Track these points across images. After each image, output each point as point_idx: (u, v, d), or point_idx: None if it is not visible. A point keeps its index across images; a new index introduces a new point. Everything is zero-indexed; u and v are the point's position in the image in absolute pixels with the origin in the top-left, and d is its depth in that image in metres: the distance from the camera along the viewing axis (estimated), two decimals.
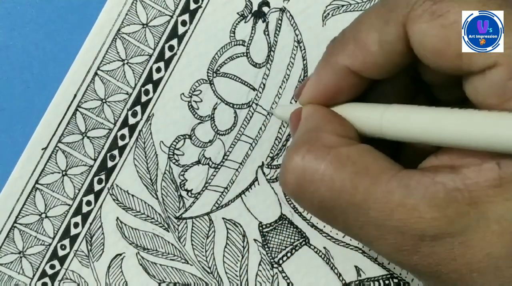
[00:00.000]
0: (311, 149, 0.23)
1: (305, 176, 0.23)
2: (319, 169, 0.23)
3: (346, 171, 0.23)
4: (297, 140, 0.25)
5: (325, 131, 0.24)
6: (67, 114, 0.34)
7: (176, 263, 0.35)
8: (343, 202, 0.23)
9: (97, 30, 0.34)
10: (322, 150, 0.23)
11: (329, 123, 0.25)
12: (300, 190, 0.24)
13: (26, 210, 0.34)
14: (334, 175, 0.23)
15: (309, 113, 0.26)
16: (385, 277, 0.34)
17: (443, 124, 0.21)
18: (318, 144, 0.24)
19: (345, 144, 0.24)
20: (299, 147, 0.24)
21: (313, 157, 0.23)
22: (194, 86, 0.34)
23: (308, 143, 0.24)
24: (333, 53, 0.25)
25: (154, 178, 0.34)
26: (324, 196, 0.23)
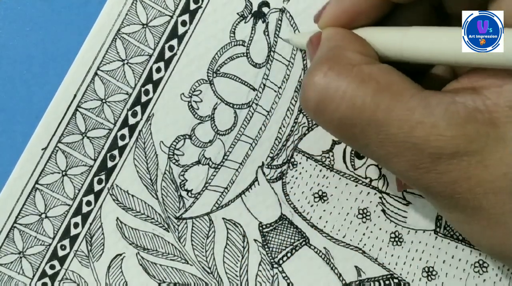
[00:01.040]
0: (334, 65, 0.23)
1: (327, 92, 0.23)
2: (341, 86, 0.23)
3: (368, 88, 0.22)
4: (318, 57, 0.24)
5: (347, 50, 0.24)
6: (67, 115, 0.34)
7: (176, 263, 0.35)
8: (364, 119, 0.23)
9: (97, 30, 0.34)
10: (345, 67, 0.23)
11: (352, 43, 0.25)
12: (320, 106, 0.23)
13: (26, 210, 0.34)
14: (356, 92, 0.23)
15: (330, 34, 0.26)
16: (385, 277, 0.34)
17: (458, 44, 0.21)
18: (340, 61, 0.24)
19: (367, 62, 0.24)
20: (321, 64, 0.24)
21: (335, 74, 0.23)
22: (194, 86, 0.34)
23: (331, 60, 0.24)
24: None
25: (154, 178, 0.34)
26: (345, 112, 0.23)
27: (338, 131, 0.24)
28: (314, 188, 0.34)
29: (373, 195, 0.34)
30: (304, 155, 0.34)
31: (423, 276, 0.34)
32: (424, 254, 0.34)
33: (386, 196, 0.34)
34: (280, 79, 0.34)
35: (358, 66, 0.23)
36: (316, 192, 0.34)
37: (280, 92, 0.34)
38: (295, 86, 0.34)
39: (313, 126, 0.34)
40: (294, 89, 0.34)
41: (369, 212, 0.34)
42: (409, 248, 0.34)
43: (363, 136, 0.23)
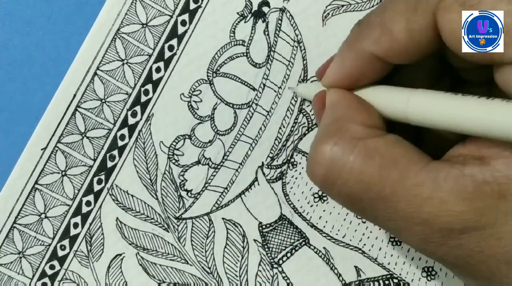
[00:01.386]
0: (339, 141, 0.23)
1: (334, 168, 0.23)
2: (347, 162, 0.23)
3: (374, 164, 0.23)
4: (324, 131, 0.25)
5: (352, 122, 0.24)
6: (67, 115, 0.34)
7: (176, 263, 0.35)
8: (372, 195, 0.23)
9: (96, 30, 0.34)
10: (350, 142, 0.23)
11: (356, 113, 0.25)
12: (328, 182, 0.24)
13: (26, 210, 0.34)
14: (363, 168, 0.23)
15: (334, 101, 0.26)
16: (385, 277, 0.34)
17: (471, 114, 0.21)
18: (345, 136, 0.24)
19: (372, 135, 0.24)
20: (326, 139, 0.24)
21: (341, 149, 0.23)
22: (194, 86, 0.34)
23: (336, 134, 0.24)
24: (358, 38, 0.25)
25: (154, 178, 0.34)
26: (353, 188, 0.23)
27: (348, 205, 0.25)
28: (314, 188, 0.34)
29: None
30: (304, 155, 0.34)
31: (422, 276, 0.34)
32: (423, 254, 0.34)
33: None
34: (280, 79, 0.34)
35: (363, 140, 0.23)
36: (316, 192, 0.34)
37: (280, 92, 0.34)
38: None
39: (313, 127, 0.34)
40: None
41: None
42: (409, 248, 0.34)
43: (372, 211, 0.23)
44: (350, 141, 0.23)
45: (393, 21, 0.24)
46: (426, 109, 0.23)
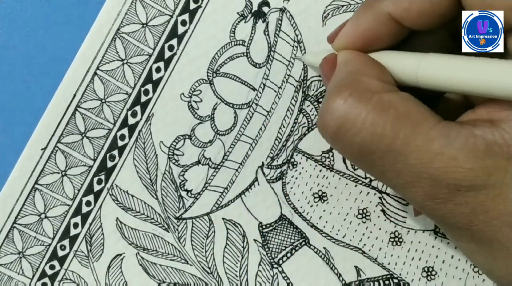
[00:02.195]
0: (354, 92, 0.23)
1: (347, 118, 0.23)
2: (361, 113, 0.23)
3: (388, 116, 0.23)
4: (337, 83, 0.24)
5: (367, 76, 0.24)
6: (67, 114, 0.34)
7: (176, 263, 0.35)
8: (383, 147, 0.23)
9: (96, 30, 0.34)
10: (365, 94, 0.23)
11: (370, 69, 0.25)
12: (340, 132, 0.24)
13: (26, 210, 0.34)
14: (376, 120, 0.23)
15: (347, 58, 0.26)
16: (385, 277, 0.34)
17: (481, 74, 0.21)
18: (360, 87, 0.24)
19: (388, 90, 0.24)
20: (341, 89, 0.24)
21: (356, 100, 0.23)
22: (194, 86, 0.34)
23: (351, 86, 0.24)
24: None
25: (154, 178, 0.34)
26: (365, 139, 0.23)
27: (356, 157, 0.24)
28: (314, 188, 0.34)
29: (373, 195, 0.34)
30: (304, 155, 0.34)
31: (422, 276, 0.34)
32: (423, 254, 0.34)
33: (385, 196, 0.34)
34: (280, 79, 0.34)
35: (378, 93, 0.23)
36: (316, 192, 0.34)
37: (280, 92, 0.34)
38: (295, 86, 0.34)
39: (313, 127, 0.34)
40: (294, 89, 0.34)
41: (368, 212, 0.34)
42: (409, 248, 0.34)
43: (381, 164, 0.23)
44: (365, 94, 0.23)
45: None
46: (438, 71, 0.23)
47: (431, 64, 0.23)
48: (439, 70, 0.23)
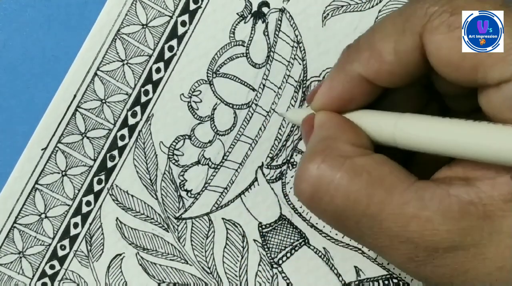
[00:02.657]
0: (326, 158, 0.23)
1: (320, 185, 0.23)
2: (334, 179, 0.23)
3: (361, 182, 0.23)
4: (311, 149, 0.25)
5: (340, 141, 0.24)
6: (67, 115, 0.34)
7: (176, 263, 0.35)
8: (358, 212, 0.23)
9: (96, 31, 0.34)
10: (337, 160, 0.23)
11: (344, 133, 0.25)
12: (314, 199, 0.24)
13: (26, 210, 0.34)
14: (349, 186, 0.23)
15: (322, 121, 0.26)
16: (385, 277, 0.34)
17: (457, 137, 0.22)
18: (333, 153, 0.24)
19: (360, 154, 0.24)
20: (314, 156, 0.24)
21: (328, 167, 0.23)
22: (193, 87, 0.34)
23: (323, 152, 0.24)
24: (348, 60, 0.25)
25: (154, 178, 0.34)
26: (339, 206, 0.23)
27: (333, 223, 0.25)
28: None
29: None
30: None
31: None
32: None
33: None
34: (279, 80, 0.34)
35: (351, 158, 0.23)
36: None
37: (279, 92, 0.34)
38: (294, 86, 0.34)
39: None
40: (294, 89, 0.34)
41: None
42: None
43: (357, 229, 0.23)
44: (337, 159, 0.23)
45: (382, 43, 0.24)
46: (413, 133, 0.23)
47: (408, 125, 0.23)
48: (416, 131, 0.23)
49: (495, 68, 0.21)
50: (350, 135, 0.25)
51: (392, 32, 0.23)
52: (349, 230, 0.24)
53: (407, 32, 0.23)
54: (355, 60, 0.25)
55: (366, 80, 0.25)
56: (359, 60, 0.25)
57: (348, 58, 0.25)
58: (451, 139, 0.22)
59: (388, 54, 0.23)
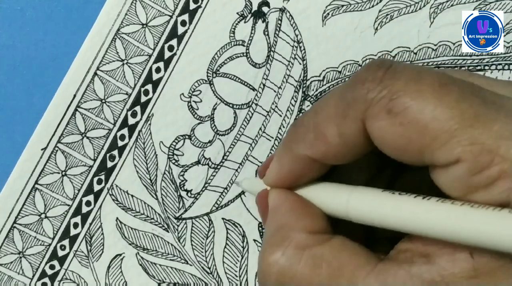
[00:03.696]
0: (286, 251, 0.24)
1: (284, 279, 0.23)
2: (296, 272, 0.23)
3: (321, 273, 0.23)
4: (269, 239, 0.25)
5: (295, 230, 0.24)
6: (67, 115, 0.34)
7: (176, 263, 0.35)
8: None
9: (96, 30, 0.34)
10: (296, 252, 0.23)
11: (299, 219, 0.25)
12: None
13: (26, 210, 0.34)
14: (311, 279, 0.23)
15: (276, 205, 0.26)
16: None
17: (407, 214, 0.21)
18: (291, 245, 0.24)
19: (317, 242, 0.24)
20: (273, 248, 0.24)
21: (288, 260, 0.23)
22: (193, 87, 0.34)
23: (282, 244, 0.24)
24: (294, 140, 0.25)
25: (154, 178, 0.34)
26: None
27: None
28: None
29: None
30: None
31: None
32: None
33: None
34: (280, 79, 0.34)
35: (309, 249, 0.23)
36: None
37: (280, 92, 0.34)
38: (295, 86, 0.34)
39: None
40: (294, 89, 0.34)
41: None
42: None
43: None
44: (296, 252, 0.23)
45: (325, 126, 0.24)
46: (365, 209, 0.23)
47: (359, 201, 0.23)
48: (367, 208, 0.23)
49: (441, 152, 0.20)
50: (305, 221, 0.25)
51: (334, 115, 0.23)
52: None
53: (349, 118, 0.23)
54: (301, 141, 0.25)
55: (313, 160, 0.25)
56: (305, 142, 0.25)
57: (295, 138, 0.25)
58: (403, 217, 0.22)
59: (333, 137, 0.23)
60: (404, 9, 0.33)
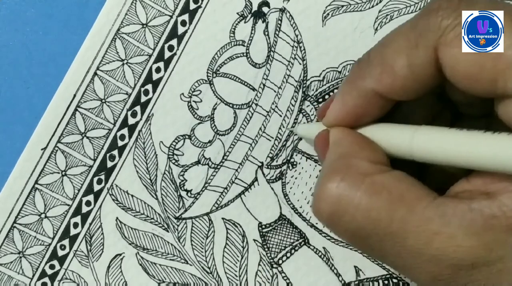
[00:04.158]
0: (345, 177, 0.23)
1: (340, 204, 0.23)
2: (354, 198, 0.23)
3: (381, 200, 0.22)
4: (329, 167, 0.24)
5: (358, 158, 0.24)
6: (67, 115, 0.34)
7: (176, 263, 0.35)
8: (380, 231, 0.22)
9: (96, 30, 0.34)
10: (357, 178, 0.23)
11: (361, 150, 0.25)
12: (334, 218, 0.23)
13: (26, 210, 0.34)
14: (370, 204, 0.22)
15: (338, 138, 0.26)
16: (384, 277, 0.34)
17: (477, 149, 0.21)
18: (352, 172, 0.23)
19: (379, 171, 0.23)
20: (332, 175, 0.24)
21: (347, 185, 0.23)
22: (193, 87, 0.34)
23: (342, 170, 0.24)
24: (359, 76, 0.25)
25: (154, 178, 0.34)
26: (360, 224, 0.23)
27: (354, 242, 0.24)
28: (314, 188, 0.34)
29: None
30: (304, 155, 0.34)
31: None
32: None
33: None
34: (280, 79, 0.34)
35: (370, 176, 0.23)
36: None
37: (280, 92, 0.34)
38: (295, 86, 0.34)
39: None
40: (294, 89, 0.34)
41: None
42: None
43: (379, 248, 0.23)
44: (357, 177, 0.23)
45: (394, 58, 0.24)
46: (431, 146, 0.23)
47: (425, 138, 0.23)
48: (434, 144, 0.23)
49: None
50: (367, 152, 0.25)
51: (405, 46, 0.23)
52: (371, 249, 0.24)
53: (420, 46, 0.23)
54: (367, 76, 0.25)
55: (379, 95, 0.25)
56: (371, 76, 0.24)
57: (359, 73, 0.25)
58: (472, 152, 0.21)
59: (402, 68, 0.23)
60: (404, 9, 0.33)
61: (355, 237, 0.24)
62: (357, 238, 0.24)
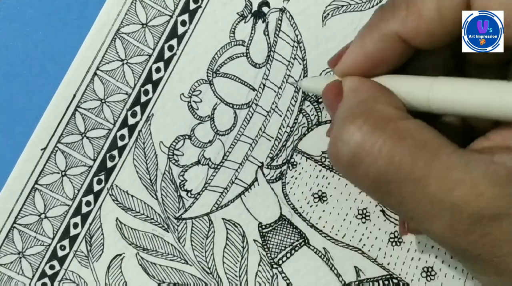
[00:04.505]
0: (368, 120, 0.23)
1: (362, 147, 0.22)
2: (377, 141, 0.22)
3: (405, 145, 0.22)
4: (349, 112, 0.24)
5: (380, 103, 0.23)
6: (67, 115, 0.34)
7: (176, 263, 0.35)
8: (401, 176, 0.22)
9: (96, 30, 0.34)
10: (380, 122, 0.22)
11: (383, 95, 0.24)
12: (355, 161, 0.23)
13: (26, 211, 0.34)
14: (394, 149, 0.22)
15: (356, 85, 0.25)
16: (385, 277, 0.34)
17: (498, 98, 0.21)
18: (376, 115, 0.23)
19: (402, 117, 0.23)
20: (354, 117, 0.23)
21: (371, 129, 0.22)
22: (193, 87, 0.34)
23: (365, 113, 0.23)
24: (382, 18, 0.24)
25: (154, 178, 0.34)
26: (381, 169, 0.22)
27: (371, 187, 0.23)
28: (314, 188, 0.34)
29: None
30: (304, 155, 0.34)
31: (422, 276, 0.34)
32: (423, 254, 0.34)
33: None
34: (280, 79, 0.34)
35: (394, 121, 0.22)
36: (316, 192, 0.34)
37: (280, 92, 0.34)
38: (294, 86, 0.34)
39: (313, 127, 0.34)
40: (294, 89, 0.34)
41: (368, 212, 0.34)
42: (408, 248, 0.34)
43: (398, 194, 0.22)
44: (380, 121, 0.22)
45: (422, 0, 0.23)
46: (451, 96, 0.22)
47: (444, 88, 0.23)
48: (453, 94, 0.22)
49: None
50: (388, 99, 0.24)
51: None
52: (389, 195, 0.23)
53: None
54: (391, 18, 0.24)
55: (401, 40, 0.24)
56: (396, 18, 0.24)
57: (383, 16, 0.24)
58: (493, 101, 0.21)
59: (429, 11, 0.23)
60: None
61: (374, 183, 0.23)
62: (376, 184, 0.23)
